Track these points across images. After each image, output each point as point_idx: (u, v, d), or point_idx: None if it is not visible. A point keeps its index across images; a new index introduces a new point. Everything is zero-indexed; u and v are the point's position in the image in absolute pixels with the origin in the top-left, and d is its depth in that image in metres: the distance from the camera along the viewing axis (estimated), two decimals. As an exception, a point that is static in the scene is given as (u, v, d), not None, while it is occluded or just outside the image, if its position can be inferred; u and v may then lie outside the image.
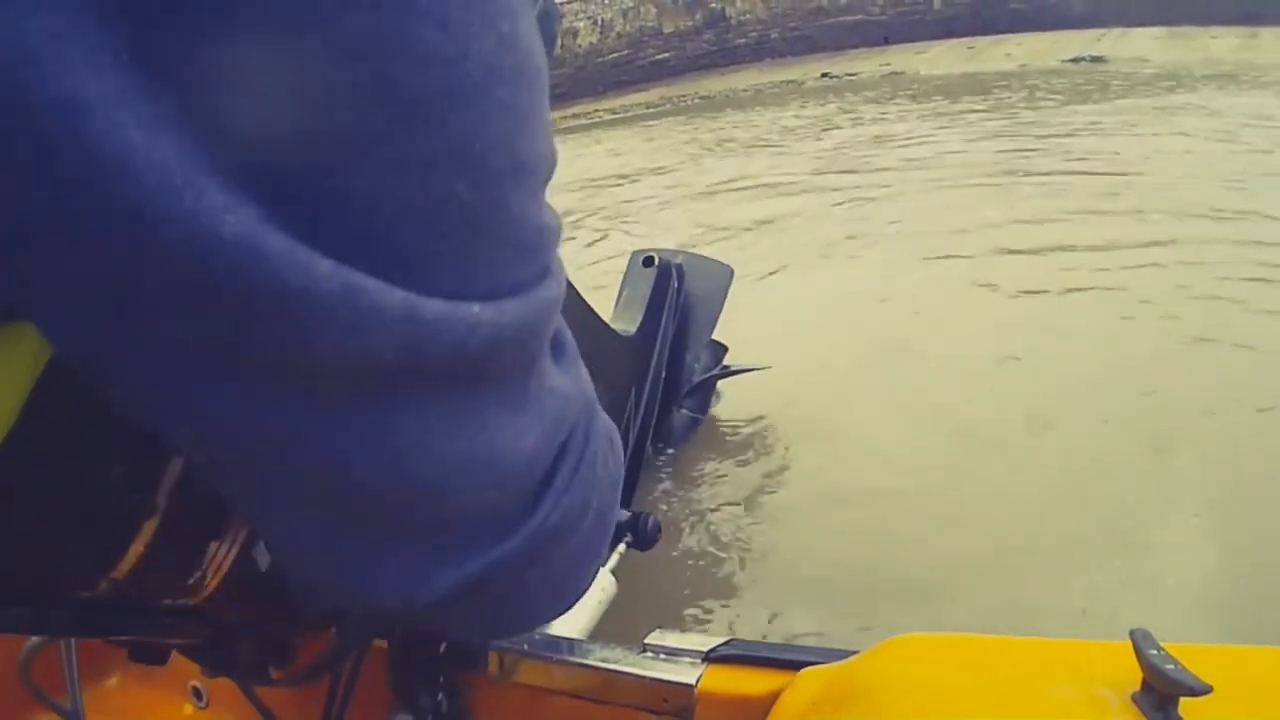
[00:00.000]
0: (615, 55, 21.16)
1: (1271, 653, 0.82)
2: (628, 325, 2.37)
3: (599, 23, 20.81)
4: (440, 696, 1.26)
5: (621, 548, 1.64)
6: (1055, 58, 14.80)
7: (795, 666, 1.01)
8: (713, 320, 3.12)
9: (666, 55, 20.97)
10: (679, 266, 2.78)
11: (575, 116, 19.02)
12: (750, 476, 3.33)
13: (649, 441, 2.76)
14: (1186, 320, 4.33)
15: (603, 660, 1.17)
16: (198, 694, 1.60)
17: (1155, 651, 0.74)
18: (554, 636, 1.27)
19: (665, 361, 2.74)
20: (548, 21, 1.31)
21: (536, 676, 1.22)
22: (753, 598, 2.54)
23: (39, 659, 1.36)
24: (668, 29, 21.22)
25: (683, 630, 1.17)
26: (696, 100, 16.30)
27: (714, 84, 17.67)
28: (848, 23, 20.22)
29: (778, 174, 8.94)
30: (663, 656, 1.13)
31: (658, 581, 2.49)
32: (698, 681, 1.08)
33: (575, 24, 22.34)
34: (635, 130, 13.61)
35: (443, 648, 1.26)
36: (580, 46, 22.54)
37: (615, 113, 17.27)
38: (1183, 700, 0.72)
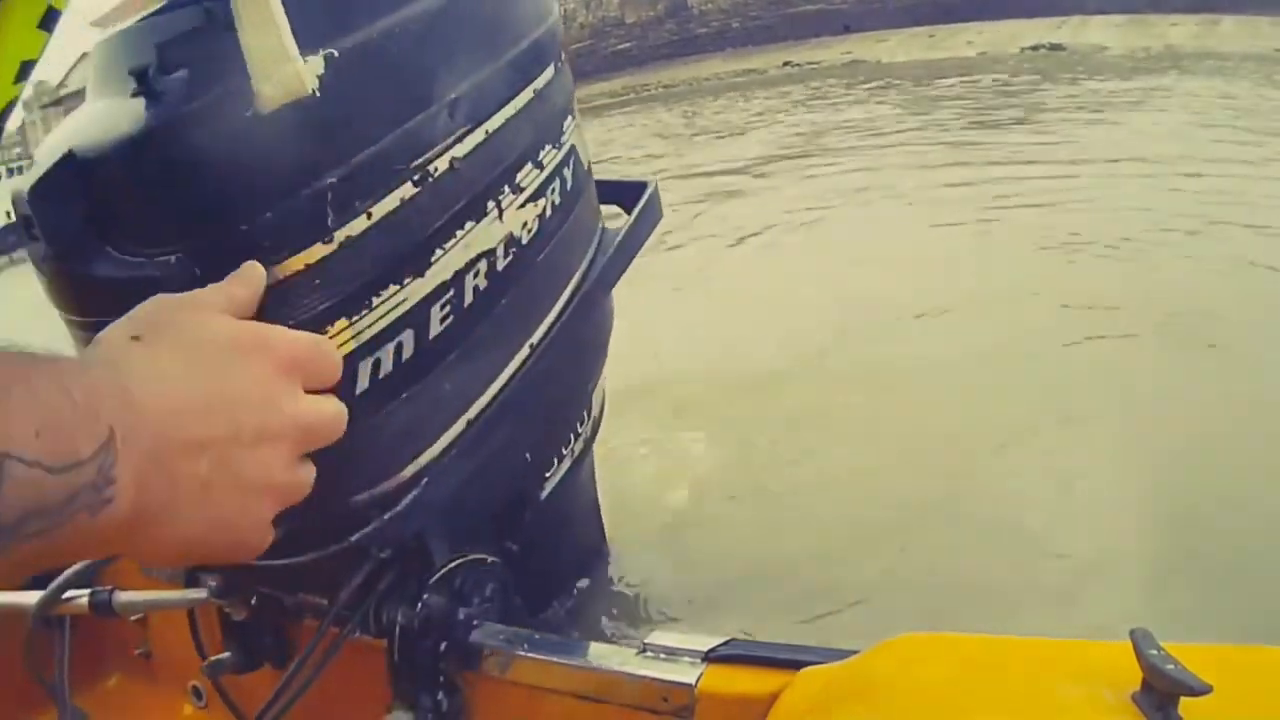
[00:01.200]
0: (578, 45, 21.18)
1: (1271, 653, 0.81)
2: None
3: (563, 13, 20.81)
4: (440, 695, 1.24)
5: None
6: (1015, 45, 14.95)
7: (795, 666, 1.00)
8: None
9: (628, 45, 20.99)
10: None
11: (539, 107, 18.94)
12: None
13: None
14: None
15: (602, 660, 1.16)
16: (197, 693, 1.58)
17: (1155, 651, 0.73)
18: (554, 636, 1.26)
19: None
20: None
21: (536, 676, 1.21)
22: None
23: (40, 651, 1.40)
24: (630, 19, 21.22)
25: (682, 630, 1.17)
26: (660, 90, 16.32)
27: (677, 73, 17.71)
28: (809, 12, 20.31)
29: (748, 156, 9.10)
30: (662, 656, 1.12)
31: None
32: (698, 681, 1.07)
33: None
34: (604, 120, 13.60)
35: (443, 646, 1.25)
36: (543, 37, 22.53)
37: (581, 103, 17.17)
38: (1183, 700, 0.71)
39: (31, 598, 1.38)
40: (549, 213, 1.28)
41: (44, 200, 0.96)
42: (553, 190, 1.30)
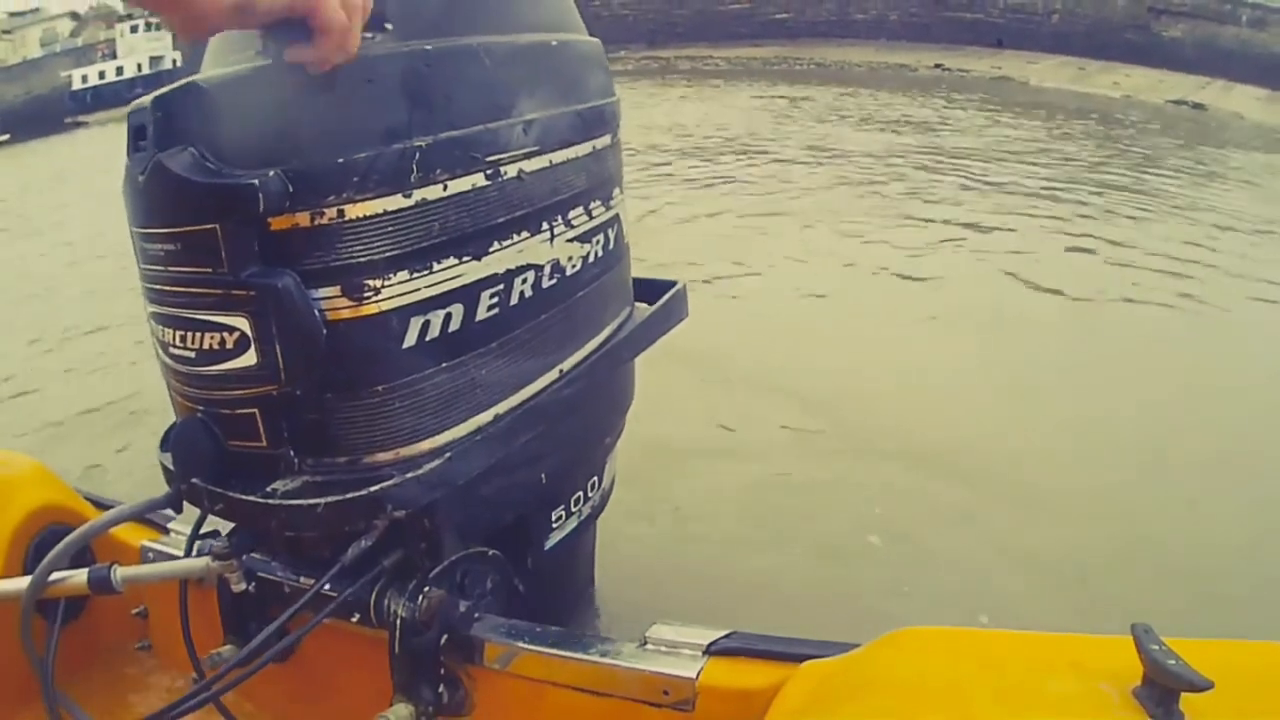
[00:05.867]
0: (736, 7, 21.53)
1: (1272, 648, 0.82)
2: None
3: (728, -26, 21.01)
4: (441, 688, 1.26)
5: None
6: (1160, 96, 15.18)
7: (796, 659, 1.01)
8: None
9: (786, 16, 21.35)
10: None
11: (690, 58, 19.62)
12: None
13: None
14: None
15: (603, 653, 1.17)
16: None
17: (1157, 647, 0.74)
18: (555, 629, 1.27)
19: None
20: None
21: (537, 669, 1.21)
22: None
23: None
24: (793, -9, 21.49)
25: (683, 622, 1.19)
26: (812, 66, 16.78)
27: (830, 53, 18.10)
28: (966, 20, 20.53)
29: (884, 153, 9.60)
30: (663, 649, 1.14)
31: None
32: (699, 674, 1.08)
33: (701, -32, 22.81)
34: (755, 85, 13.90)
35: (444, 639, 1.25)
36: (704, -9, 23.03)
37: (732, 63, 17.85)
38: (1184, 695, 0.72)
39: (27, 583, 1.36)
40: (592, 259, 1.41)
41: (163, 111, 1.08)
42: (597, 242, 1.43)
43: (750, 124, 12.03)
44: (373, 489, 1.12)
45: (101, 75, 42.11)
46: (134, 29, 43.17)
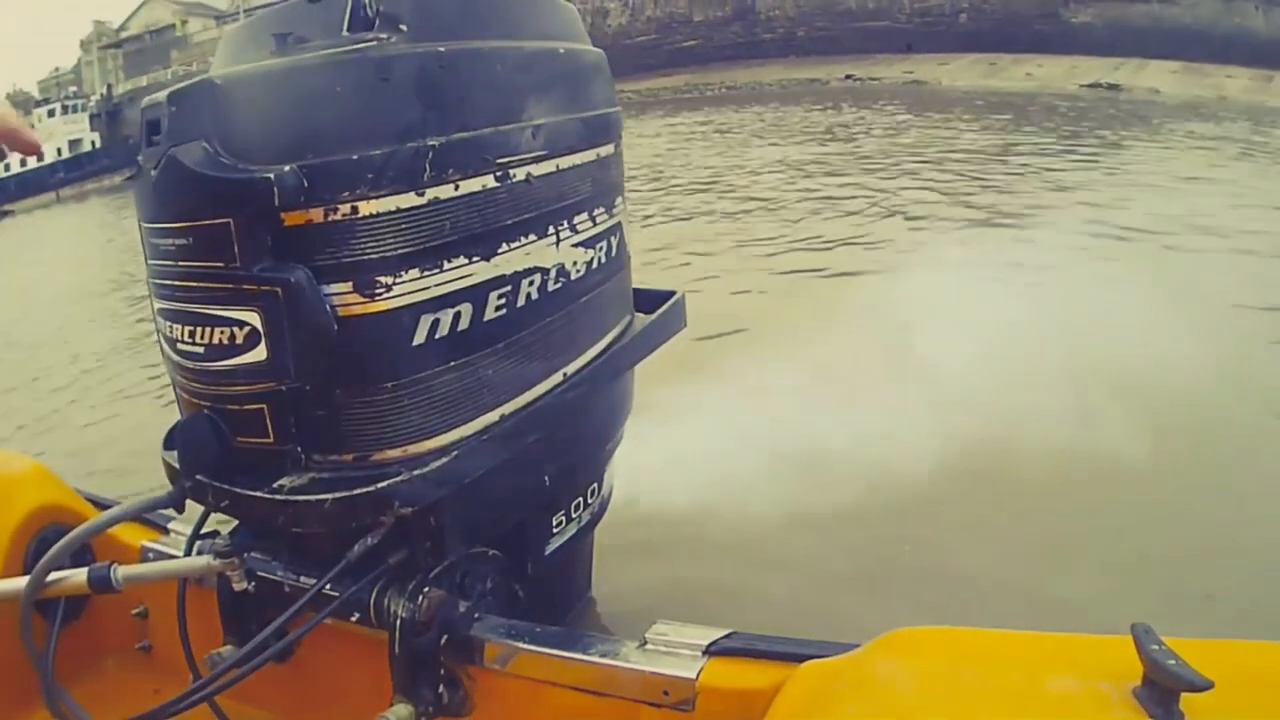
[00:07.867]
0: (643, 39, 21.46)
1: (1272, 648, 0.82)
2: None
3: (629, 5, 21.10)
4: (440, 688, 1.25)
5: None
6: (1074, 81, 15.21)
7: (796, 659, 1.01)
8: None
9: (694, 43, 21.34)
10: None
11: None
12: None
13: None
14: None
15: (603, 653, 1.17)
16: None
17: (1157, 646, 0.74)
18: (555, 630, 1.27)
19: None
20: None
21: (537, 669, 1.21)
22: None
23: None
24: (697, 17, 21.55)
25: (683, 623, 1.18)
26: (723, 90, 16.67)
27: (740, 75, 18.09)
28: (873, 28, 20.58)
29: (815, 166, 9.38)
30: (663, 649, 1.13)
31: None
32: (699, 674, 1.08)
33: (606, 4, 22.70)
34: (671, 119, 13.84)
35: (444, 639, 1.25)
36: (610, 27, 22.94)
37: (643, 95, 17.66)
38: (1184, 695, 0.72)
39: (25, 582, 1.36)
40: (595, 265, 1.44)
41: (178, 106, 1.10)
42: (600, 248, 1.45)
43: (661, 153, 11.72)
44: (380, 485, 1.13)
45: (24, 162, 41.48)
46: (51, 113, 42.72)
